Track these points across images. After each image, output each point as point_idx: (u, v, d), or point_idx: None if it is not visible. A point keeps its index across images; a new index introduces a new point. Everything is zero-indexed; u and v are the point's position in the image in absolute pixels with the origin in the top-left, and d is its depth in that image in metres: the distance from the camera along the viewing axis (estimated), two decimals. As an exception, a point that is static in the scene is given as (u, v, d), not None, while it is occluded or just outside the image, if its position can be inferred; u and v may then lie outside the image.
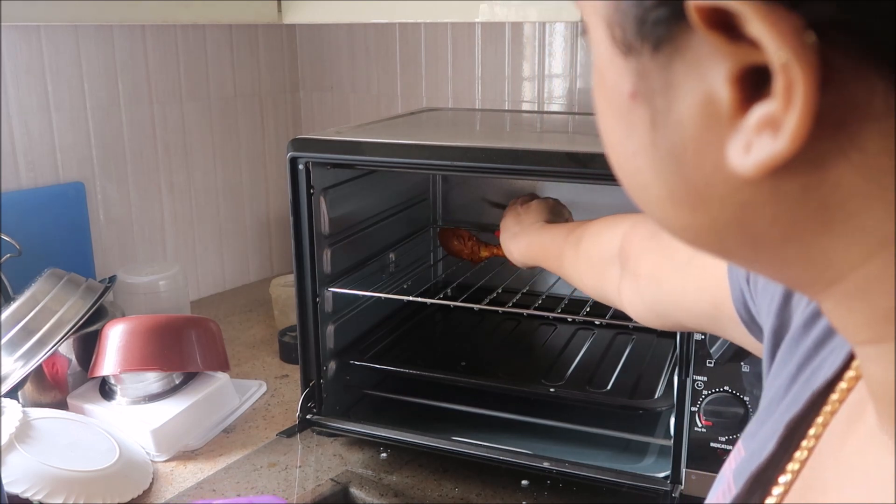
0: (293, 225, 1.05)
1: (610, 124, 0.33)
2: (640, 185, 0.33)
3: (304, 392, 1.09)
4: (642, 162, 0.31)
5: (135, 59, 1.48)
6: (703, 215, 0.30)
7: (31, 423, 1.00)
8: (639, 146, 0.31)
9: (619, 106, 0.31)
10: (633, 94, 0.30)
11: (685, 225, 0.32)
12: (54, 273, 1.17)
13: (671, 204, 0.31)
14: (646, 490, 0.93)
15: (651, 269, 0.67)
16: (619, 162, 0.34)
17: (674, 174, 0.30)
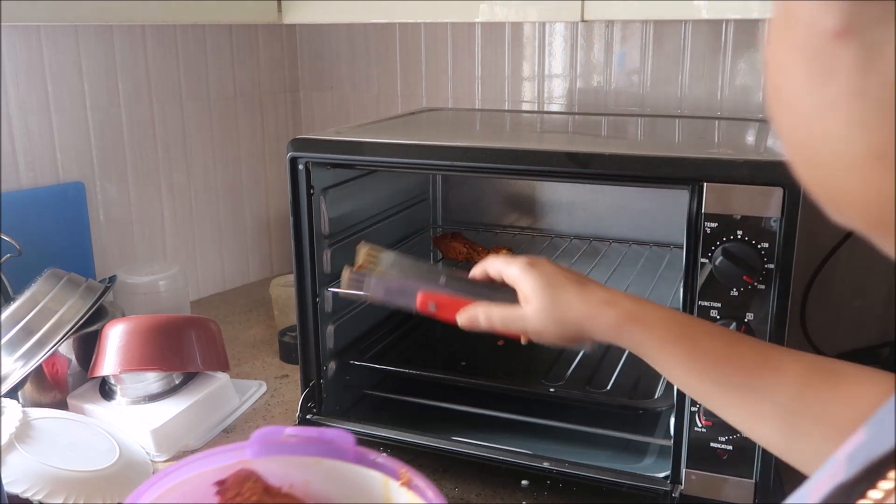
0: (293, 225, 1.05)
1: (793, 74, 0.28)
2: (827, 144, 0.28)
3: (304, 392, 1.09)
4: (839, 115, 0.27)
5: (135, 59, 1.48)
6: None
7: (31, 423, 1.00)
8: (837, 96, 0.26)
9: (814, 48, 0.27)
10: (839, 30, 0.25)
11: (874, 194, 0.27)
12: (54, 273, 1.17)
13: (870, 163, 0.26)
14: (646, 490, 0.93)
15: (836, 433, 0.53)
16: (798, 119, 0.29)
17: (886, 124, 0.25)
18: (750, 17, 1.27)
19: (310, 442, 0.72)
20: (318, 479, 0.71)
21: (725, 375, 0.64)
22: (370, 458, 0.71)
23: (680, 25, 1.37)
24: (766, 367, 0.62)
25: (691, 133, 1.17)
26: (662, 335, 0.67)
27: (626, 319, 0.68)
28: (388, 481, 0.69)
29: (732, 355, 0.64)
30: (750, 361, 0.63)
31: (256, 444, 0.71)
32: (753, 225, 0.81)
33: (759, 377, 0.62)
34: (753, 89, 1.33)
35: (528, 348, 1.28)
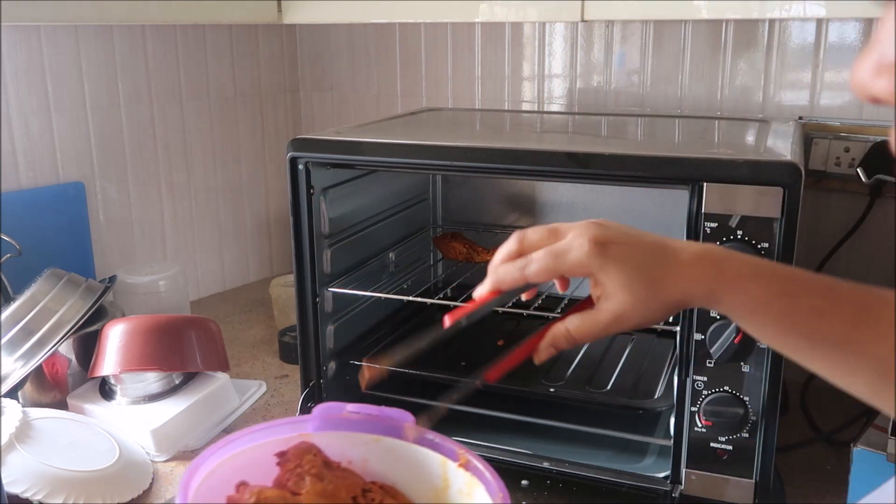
0: (293, 225, 1.05)
1: None
2: None
3: (304, 392, 1.09)
4: None
5: (135, 59, 1.48)
6: None
7: (31, 423, 1.00)
8: None
9: None
10: None
11: None
12: (54, 273, 1.17)
13: None
14: (646, 490, 0.92)
15: None
16: None
17: None
18: (750, 17, 1.27)
19: (370, 419, 0.72)
20: (376, 456, 0.71)
21: (821, 333, 0.60)
22: (430, 438, 0.71)
23: (680, 25, 1.37)
24: (864, 320, 0.59)
25: (691, 133, 1.17)
26: (759, 297, 0.61)
27: (722, 285, 0.61)
28: (446, 462, 0.69)
29: (830, 311, 0.60)
30: (847, 316, 0.59)
31: (317, 419, 0.71)
32: (753, 225, 0.81)
33: (856, 332, 0.59)
34: (753, 89, 1.33)
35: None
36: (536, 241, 0.66)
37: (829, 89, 1.27)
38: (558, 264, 0.64)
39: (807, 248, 1.28)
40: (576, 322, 0.66)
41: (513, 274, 0.67)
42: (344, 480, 0.68)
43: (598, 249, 0.62)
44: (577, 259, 0.63)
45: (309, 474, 0.66)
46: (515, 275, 0.66)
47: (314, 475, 0.67)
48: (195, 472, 0.61)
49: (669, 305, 0.63)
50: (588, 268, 0.63)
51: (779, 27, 1.29)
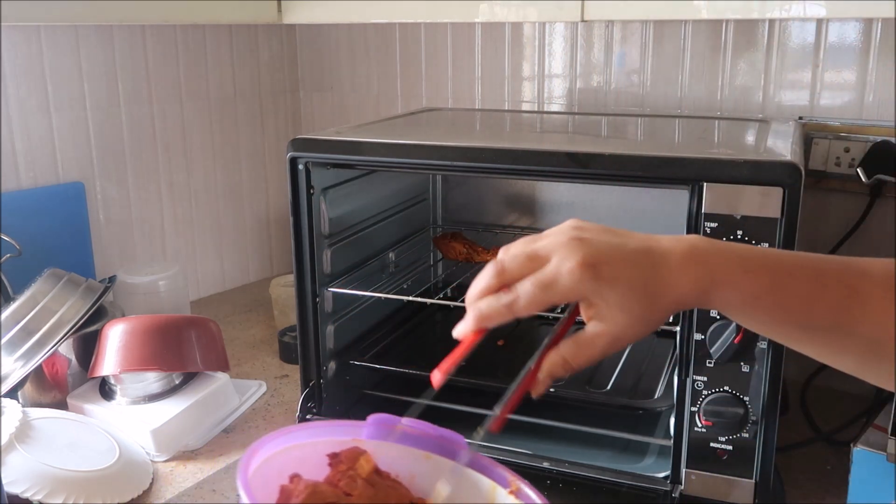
0: (293, 225, 1.05)
1: None
2: None
3: (303, 392, 1.09)
4: None
5: (135, 59, 1.48)
6: None
7: (31, 423, 1.00)
8: None
9: None
10: None
11: None
12: (54, 273, 1.17)
13: None
14: (646, 490, 0.92)
15: None
16: None
17: None
18: (750, 17, 1.27)
19: (423, 435, 0.72)
20: (424, 473, 0.71)
21: (812, 320, 0.59)
22: (482, 462, 0.71)
23: (680, 25, 1.37)
24: (853, 302, 0.59)
25: (691, 133, 1.17)
26: (750, 292, 0.60)
27: (712, 286, 0.60)
28: (496, 488, 0.69)
29: (820, 298, 0.59)
30: (836, 301, 0.59)
31: (373, 426, 0.71)
32: (753, 225, 0.81)
33: (846, 314, 0.59)
34: (753, 89, 1.33)
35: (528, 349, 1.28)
36: (517, 271, 0.62)
37: (829, 89, 1.27)
38: (549, 295, 0.61)
39: (807, 248, 1.27)
40: (571, 349, 0.63)
41: (499, 311, 0.63)
42: (394, 490, 0.69)
43: (590, 273, 0.59)
44: (569, 287, 0.60)
45: (361, 478, 0.67)
46: (502, 311, 0.63)
47: (366, 480, 0.67)
48: (253, 456, 0.63)
49: (665, 314, 0.61)
50: (581, 293, 0.60)
51: (779, 27, 1.29)
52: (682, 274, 0.61)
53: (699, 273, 0.61)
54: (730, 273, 0.60)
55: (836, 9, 1.02)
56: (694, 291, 0.60)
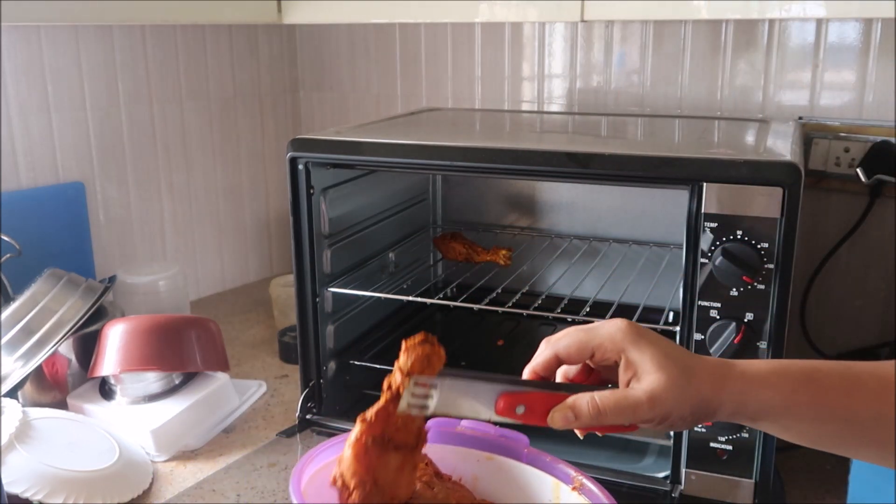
0: (293, 225, 1.05)
1: None
2: None
3: (303, 392, 1.09)
4: None
5: (135, 59, 1.48)
6: None
7: (31, 423, 1.00)
8: None
9: None
10: None
11: None
12: (54, 273, 1.17)
13: None
14: (645, 490, 0.93)
15: None
16: None
17: None
18: (750, 17, 1.27)
19: (484, 436, 0.71)
20: (486, 475, 0.71)
21: (853, 411, 0.58)
22: (544, 459, 0.70)
23: (680, 25, 1.37)
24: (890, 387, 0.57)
25: (691, 133, 1.17)
26: (787, 387, 0.58)
27: (749, 383, 0.59)
28: (559, 485, 0.69)
29: (855, 388, 0.58)
30: (874, 389, 0.58)
31: (432, 430, 0.70)
32: (753, 225, 0.81)
33: (887, 403, 0.57)
34: (753, 89, 1.33)
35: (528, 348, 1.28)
36: None
37: (829, 89, 1.27)
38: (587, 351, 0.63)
39: (807, 248, 1.28)
40: (605, 394, 0.60)
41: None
42: (454, 492, 0.68)
43: (632, 330, 0.61)
44: (610, 336, 0.61)
45: (420, 481, 0.66)
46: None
47: (425, 482, 0.66)
48: (306, 466, 0.62)
49: (697, 402, 0.59)
50: (620, 344, 0.60)
51: (778, 27, 1.29)
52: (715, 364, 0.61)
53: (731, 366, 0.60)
54: (759, 368, 0.60)
55: (836, 9, 1.02)
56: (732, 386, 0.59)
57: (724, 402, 0.59)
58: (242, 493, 0.98)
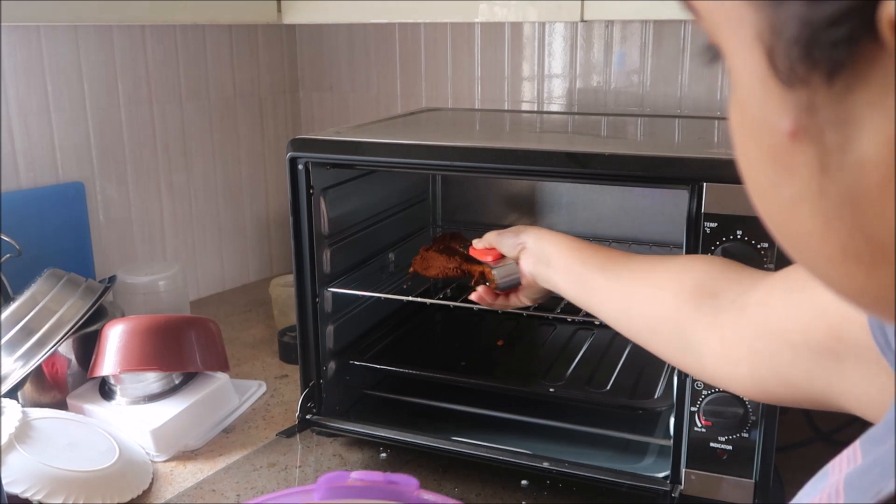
0: (293, 225, 1.05)
1: (758, 168, 0.28)
2: (800, 238, 0.28)
3: (303, 392, 1.09)
4: (804, 211, 0.26)
5: (135, 59, 1.48)
6: (886, 274, 0.25)
7: (31, 423, 1.00)
8: (800, 193, 0.26)
9: (772, 146, 0.26)
10: (793, 131, 0.25)
11: (861, 287, 0.27)
12: (54, 273, 1.17)
13: (843, 261, 0.26)
14: (645, 490, 0.93)
15: (761, 298, 0.58)
16: (771, 212, 0.29)
17: (849, 226, 0.25)
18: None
19: (374, 485, 0.73)
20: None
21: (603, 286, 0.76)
22: (434, 501, 0.72)
23: (679, 25, 1.37)
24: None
25: (691, 133, 1.17)
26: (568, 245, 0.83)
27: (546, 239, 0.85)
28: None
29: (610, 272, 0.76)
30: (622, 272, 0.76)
31: (323, 488, 0.72)
32: (753, 225, 0.81)
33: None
34: (753, 89, 1.33)
35: (528, 348, 1.29)
36: None
37: (829, 89, 1.27)
38: None
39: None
40: None
41: None
42: None
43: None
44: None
45: None
46: None
47: None
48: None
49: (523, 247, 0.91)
50: None
51: (779, 27, 1.28)
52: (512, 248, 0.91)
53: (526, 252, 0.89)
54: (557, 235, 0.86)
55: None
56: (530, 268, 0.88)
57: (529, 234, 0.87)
58: (242, 493, 0.98)
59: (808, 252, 0.28)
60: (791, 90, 0.24)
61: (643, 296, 0.71)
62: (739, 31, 0.25)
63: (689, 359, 0.64)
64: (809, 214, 0.26)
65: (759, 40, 0.25)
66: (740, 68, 0.26)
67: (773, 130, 0.26)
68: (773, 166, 0.27)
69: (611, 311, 0.75)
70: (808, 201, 0.26)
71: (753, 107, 0.26)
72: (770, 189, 0.28)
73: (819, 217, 0.26)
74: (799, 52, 0.23)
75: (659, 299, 0.68)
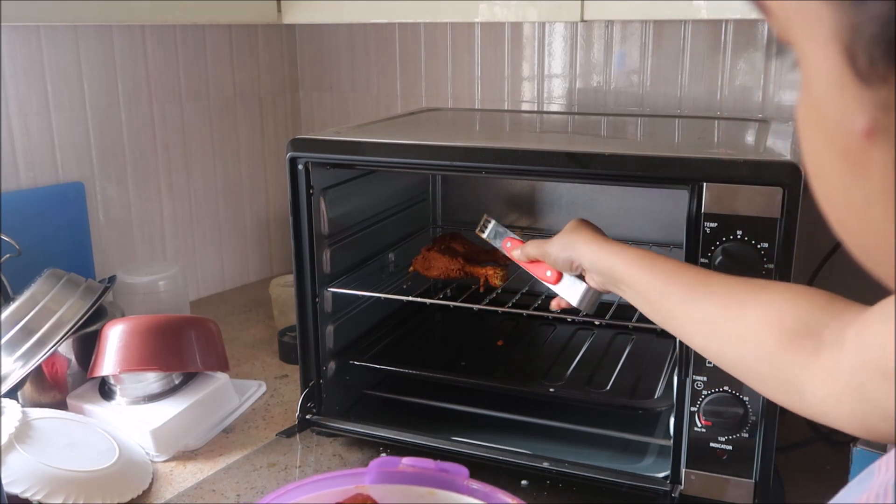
0: (293, 225, 1.05)
1: (828, 169, 0.28)
2: (871, 238, 0.28)
3: (303, 392, 1.09)
4: (877, 211, 0.27)
5: (134, 59, 1.48)
6: None
7: (31, 423, 1.00)
8: (873, 192, 0.26)
9: (845, 145, 0.26)
10: (869, 130, 0.25)
11: None
12: (54, 273, 1.17)
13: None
14: (645, 490, 0.93)
15: (858, 329, 0.56)
16: (840, 211, 0.29)
17: None
18: (750, 18, 1.27)
19: (425, 472, 0.73)
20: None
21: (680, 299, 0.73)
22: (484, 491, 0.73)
23: (680, 25, 1.37)
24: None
25: (691, 133, 1.17)
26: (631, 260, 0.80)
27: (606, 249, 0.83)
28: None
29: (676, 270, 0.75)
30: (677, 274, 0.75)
31: (374, 472, 0.73)
32: (753, 225, 0.81)
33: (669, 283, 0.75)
34: (753, 89, 1.33)
35: (528, 348, 1.29)
36: None
37: (829, 89, 1.27)
38: None
39: (807, 248, 1.27)
40: None
41: None
42: None
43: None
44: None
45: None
46: None
47: None
48: None
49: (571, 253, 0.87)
50: None
51: (779, 27, 1.28)
52: None
53: None
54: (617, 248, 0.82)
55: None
56: None
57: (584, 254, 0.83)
58: (242, 493, 0.98)
59: (879, 252, 0.28)
60: (869, 88, 0.25)
61: (738, 334, 0.66)
62: (817, 30, 0.26)
63: (792, 398, 0.61)
64: (883, 214, 0.26)
65: (838, 39, 0.25)
66: (815, 68, 0.27)
67: (847, 130, 0.26)
68: (846, 166, 0.27)
69: (699, 344, 0.71)
70: (881, 201, 0.26)
71: (827, 106, 0.27)
72: (841, 190, 0.28)
73: (892, 216, 0.26)
74: (881, 50, 0.23)
75: (755, 339, 0.64)
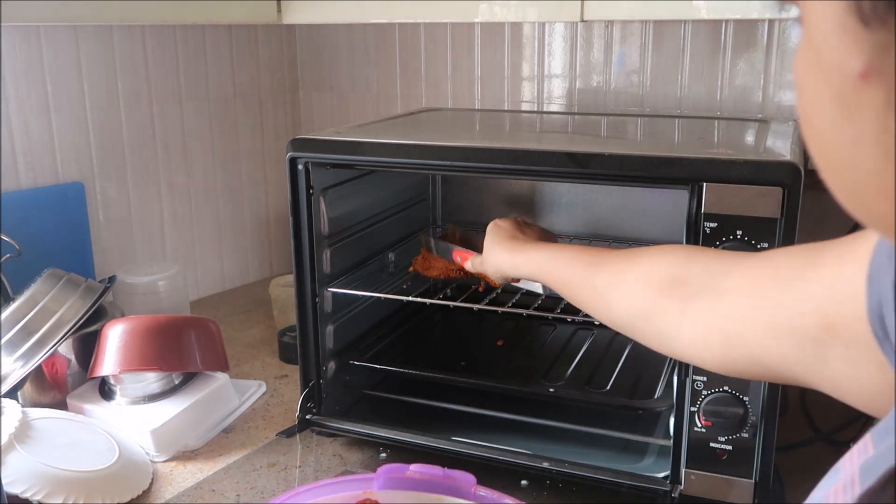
0: (293, 225, 1.05)
1: (821, 111, 0.30)
2: (855, 176, 0.30)
3: (303, 392, 1.09)
4: (865, 150, 0.28)
5: (134, 60, 1.48)
6: None
7: (31, 423, 1.00)
8: (863, 131, 0.28)
9: (840, 86, 0.28)
10: (865, 71, 0.27)
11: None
12: (54, 273, 1.17)
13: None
14: (645, 490, 0.93)
15: (743, 285, 0.59)
16: (828, 150, 0.31)
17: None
18: (750, 17, 1.27)
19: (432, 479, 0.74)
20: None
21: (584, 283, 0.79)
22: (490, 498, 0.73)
23: (680, 25, 1.37)
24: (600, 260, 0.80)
25: (691, 133, 1.17)
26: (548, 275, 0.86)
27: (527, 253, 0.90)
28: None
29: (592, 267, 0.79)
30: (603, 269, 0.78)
31: (382, 477, 0.73)
32: (753, 225, 0.81)
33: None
34: (753, 89, 1.33)
35: (527, 348, 1.28)
36: None
37: (829, 89, 1.27)
38: None
39: (806, 248, 1.27)
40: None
41: None
42: None
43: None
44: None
45: None
46: None
47: None
48: None
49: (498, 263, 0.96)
50: None
51: (778, 27, 1.29)
52: None
53: None
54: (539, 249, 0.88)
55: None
56: None
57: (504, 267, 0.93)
58: (242, 493, 0.98)
59: (860, 190, 0.30)
60: (869, 30, 0.26)
61: (619, 297, 0.73)
62: None
63: (665, 345, 0.68)
64: (868, 153, 0.28)
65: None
66: (818, 13, 0.28)
67: (844, 72, 0.27)
68: (839, 107, 0.28)
69: (604, 318, 0.78)
70: (869, 140, 0.28)
71: (826, 50, 0.28)
72: (832, 130, 0.29)
73: (879, 155, 0.27)
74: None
75: (632, 297, 0.71)
